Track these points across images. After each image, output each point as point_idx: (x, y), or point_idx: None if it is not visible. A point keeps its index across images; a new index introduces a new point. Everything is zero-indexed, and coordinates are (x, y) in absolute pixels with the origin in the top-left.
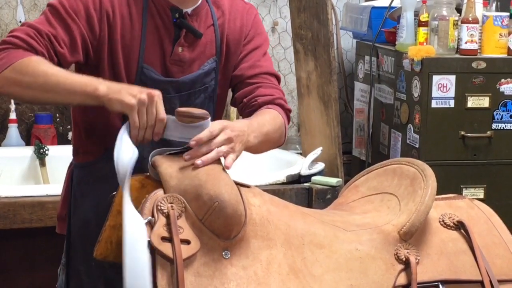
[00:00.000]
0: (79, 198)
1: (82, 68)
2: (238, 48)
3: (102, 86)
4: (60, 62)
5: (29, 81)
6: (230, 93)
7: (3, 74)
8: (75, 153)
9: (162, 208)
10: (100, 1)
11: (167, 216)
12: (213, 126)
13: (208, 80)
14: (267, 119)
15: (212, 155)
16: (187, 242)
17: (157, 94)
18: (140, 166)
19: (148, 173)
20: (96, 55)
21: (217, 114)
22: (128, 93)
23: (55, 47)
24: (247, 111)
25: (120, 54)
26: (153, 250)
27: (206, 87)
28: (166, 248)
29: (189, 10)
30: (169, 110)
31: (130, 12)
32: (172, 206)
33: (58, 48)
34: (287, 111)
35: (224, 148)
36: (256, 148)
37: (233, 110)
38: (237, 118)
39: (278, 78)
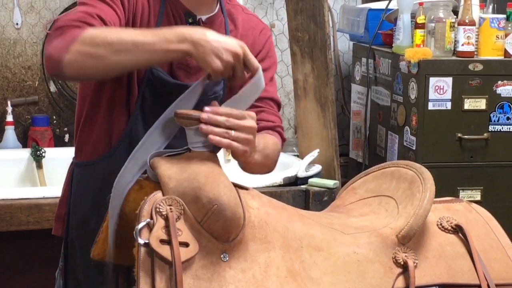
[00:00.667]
0: (79, 197)
1: None
2: None
3: (185, 41)
4: None
5: (101, 51)
6: None
7: (72, 48)
8: (78, 151)
9: (161, 210)
10: None
11: (166, 219)
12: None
13: (218, 89)
14: (270, 143)
15: (225, 142)
16: (185, 244)
17: (243, 48)
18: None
19: (146, 175)
20: None
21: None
22: (216, 55)
23: (106, 24)
24: None
25: None
26: (151, 253)
27: (216, 96)
28: (164, 251)
29: (203, 17)
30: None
31: (149, 8)
32: (170, 209)
33: (110, 24)
34: (283, 141)
35: (242, 135)
36: (253, 167)
37: None
38: None
39: (279, 106)
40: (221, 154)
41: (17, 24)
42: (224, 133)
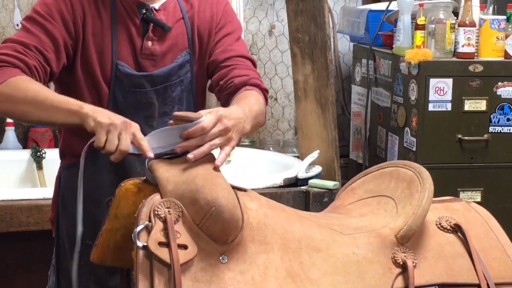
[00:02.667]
0: (66, 198)
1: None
2: (210, 38)
3: (86, 106)
4: (52, 68)
5: (20, 96)
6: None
7: None
8: (61, 155)
9: (159, 213)
10: (71, 3)
11: (164, 221)
12: (207, 118)
13: (183, 72)
14: (254, 102)
15: (203, 148)
16: (184, 247)
17: (134, 125)
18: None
19: (145, 177)
20: (72, 56)
21: (198, 106)
22: (105, 115)
23: (44, 55)
24: (224, 93)
25: (94, 53)
26: (150, 255)
27: (182, 79)
28: (163, 253)
29: (156, 5)
30: (146, 103)
31: (99, 11)
32: (169, 211)
33: (48, 55)
34: (264, 91)
35: (218, 141)
36: (247, 134)
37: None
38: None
39: (252, 62)
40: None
41: (17, 25)
42: (210, 148)
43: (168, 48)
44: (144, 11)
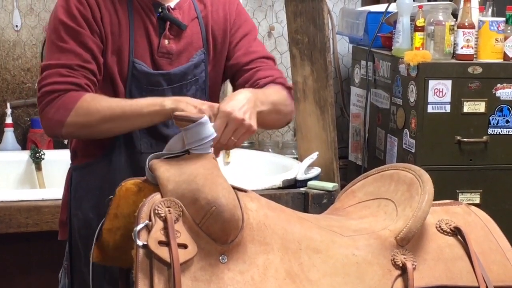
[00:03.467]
0: (78, 199)
1: None
2: (225, 38)
3: (166, 101)
4: (97, 76)
5: (96, 119)
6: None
7: (69, 121)
8: (73, 156)
9: (160, 212)
10: (88, 4)
11: (165, 220)
12: (216, 124)
13: (198, 71)
14: (271, 91)
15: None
16: (184, 246)
17: (215, 104)
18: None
19: (145, 177)
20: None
21: None
22: (192, 106)
23: (88, 68)
24: None
25: (111, 51)
26: (150, 254)
27: (197, 79)
28: (163, 252)
29: (171, 4)
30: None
31: (115, 10)
32: (169, 210)
33: (91, 67)
34: (289, 89)
35: (236, 139)
36: (265, 117)
37: None
38: None
39: (274, 61)
40: (220, 157)
41: (16, 26)
42: (234, 147)
43: (184, 47)
44: (160, 9)
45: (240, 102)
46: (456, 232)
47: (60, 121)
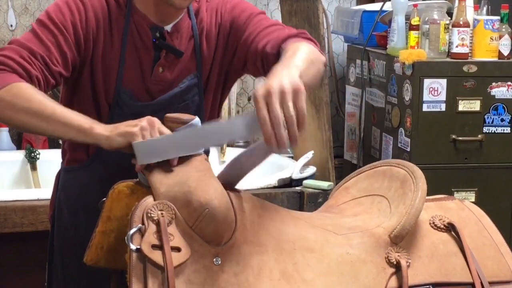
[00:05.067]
0: (62, 202)
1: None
2: (226, 44)
3: (98, 125)
4: (57, 80)
5: (24, 106)
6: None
7: None
8: (62, 157)
9: (152, 215)
10: (86, 18)
11: (157, 224)
12: (258, 114)
13: (189, 96)
14: (297, 48)
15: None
16: (177, 249)
17: (156, 120)
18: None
19: (138, 179)
20: (78, 71)
21: None
22: (127, 125)
23: (50, 68)
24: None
25: (100, 73)
26: (143, 258)
27: (187, 103)
28: (156, 256)
29: (169, 27)
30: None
31: (111, 31)
32: (162, 213)
33: (53, 68)
34: (313, 40)
35: (291, 120)
36: (308, 77)
37: (224, 113)
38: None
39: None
40: (215, 156)
41: (11, 26)
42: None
43: (178, 73)
44: (157, 34)
45: (268, 79)
46: (450, 228)
47: None
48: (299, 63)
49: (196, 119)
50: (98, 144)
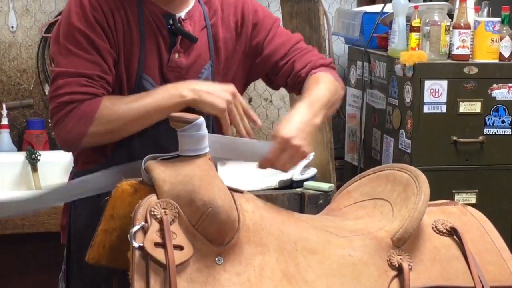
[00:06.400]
0: (79, 206)
1: None
2: (240, 43)
3: (185, 91)
4: (111, 88)
5: (119, 125)
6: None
7: (91, 131)
8: (75, 160)
9: (155, 213)
10: (102, 11)
11: (160, 222)
12: (273, 149)
13: None
14: (320, 88)
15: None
16: (180, 248)
17: (236, 91)
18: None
19: (141, 178)
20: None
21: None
22: (217, 96)
23: (107, 79)
24: (297, 88)
25: (122, 61)
26: (146, 256)
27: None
28: (159, 254)
29: (182, 14)
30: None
31: (127, 19)
32: (165, 212)
33: (108, 78)
34: (332, 68)
35: (292, 165)
36: (326, 116)
37: None
38: None
39: (304, 41)
40: None
41: (12, 27)
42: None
43: (194, 60)
44: (171, 21)
45: (298, 126)
46: (452, 233)
47: (81, 132)
48: (321, 112)
49: (201, 119)
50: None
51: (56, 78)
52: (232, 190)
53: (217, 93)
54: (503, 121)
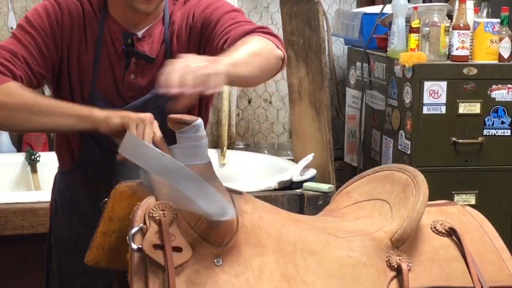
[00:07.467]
0: (58, 203)
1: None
2: (199, 47)
3: (96, 110)
4: (38, 80)
5: (18, 103)
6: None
7: None
8: (58, 158)
9: (154, 215)
10: (62, 21)
11: (159, 224)
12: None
13: (162, 102)
14: (244, 41)
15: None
16: (178, 249)
17: (155, 121)
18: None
19: (140, 180)
20: (57, 73)
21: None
22: (123, 113)
23: (31, 68)
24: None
25: (76, 77)
26: (145, 258)
27: (163, 109)
28: (158, 256)
29: (140, 33)
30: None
31: (85, 36)
32: (164, 214)
33: (34, 68)
34: (273, 35)
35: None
36: (250, 71)
37: (224, 116)
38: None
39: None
40: (215, 158)
41: (11, 28)
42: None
43: (151, 79)
44: (129, 41)
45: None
46: (451, 233)
47: None
48: (236, 55)
49: (199, 121)
50: (97, 127)
51: None
52: (230, 191)
53: (125, 113)
54: (502, 122)
